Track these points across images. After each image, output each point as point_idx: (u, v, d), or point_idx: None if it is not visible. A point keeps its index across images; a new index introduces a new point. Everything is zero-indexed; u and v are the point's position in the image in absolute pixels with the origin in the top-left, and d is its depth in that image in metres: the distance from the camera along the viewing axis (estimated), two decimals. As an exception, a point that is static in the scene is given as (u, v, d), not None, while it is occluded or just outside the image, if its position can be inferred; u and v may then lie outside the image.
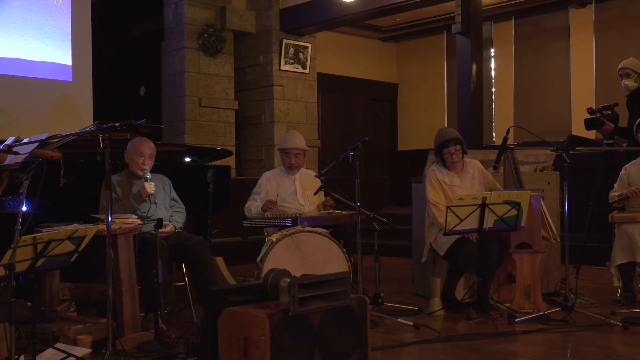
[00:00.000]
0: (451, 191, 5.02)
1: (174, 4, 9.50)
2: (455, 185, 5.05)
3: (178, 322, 4.59)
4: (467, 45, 8.55)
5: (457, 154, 5.04)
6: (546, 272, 5.45)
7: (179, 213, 4.90)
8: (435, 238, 5.04)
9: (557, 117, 10.94)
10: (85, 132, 3.85)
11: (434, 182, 5.09)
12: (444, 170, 5.12)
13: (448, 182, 5.07)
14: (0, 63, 7.63)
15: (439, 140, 5.07)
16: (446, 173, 5.10)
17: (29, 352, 3.44)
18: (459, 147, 5.04)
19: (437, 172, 5.13)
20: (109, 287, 3.46)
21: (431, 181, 5.10)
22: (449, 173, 5.10)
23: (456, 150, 5.03)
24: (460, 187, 5.03)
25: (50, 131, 5.38)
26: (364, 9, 9.21)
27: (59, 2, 8.13)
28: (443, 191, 5.07)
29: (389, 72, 13.38)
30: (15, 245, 3.10)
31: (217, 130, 9.71)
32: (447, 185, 5.07)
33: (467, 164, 5.16)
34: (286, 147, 5.30)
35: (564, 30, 10.96)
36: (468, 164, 5.17)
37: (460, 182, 5.08)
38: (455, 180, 5.08)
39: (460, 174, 5.11)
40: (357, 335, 3.45)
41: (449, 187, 5.06)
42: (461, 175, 5.11)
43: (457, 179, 5.09)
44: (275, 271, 3.38)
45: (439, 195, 5.05)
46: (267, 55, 10.03)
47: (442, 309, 4.88)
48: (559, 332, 4.29)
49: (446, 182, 5.08)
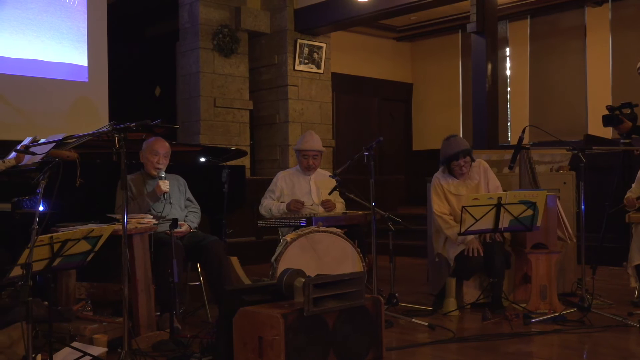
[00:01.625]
0: (456, 201, 4.97)
1: (188, 4, 9.53)
2: (461, 195, 4.99)
3: (193, 321, 4.61)
4: (482, 45, 8.52)
5: (466, 166, 4.98)
6: (562, 273, 5.41)
7: (194, 213, 4.92)
8: (444, 246, 5.02)
9: (573, 116, 10.86)
10: (101, 132, 3.87)
11: (438, 191, 5.05)
12: (449, 179, 5.06)
13: (453, 191, 5.03)
14: (18, 64, 7.70)
15: (447, 152, 4.97)
16: (451, 181, 5.05)
17: (46, 350, 3.46)
18: (468, 158, 4.97)
19: (441, 179, 5.08)
20: (124, 286, 3.48)
21: (436, 190, 5.06)
22: (454, 181, 5.04)
23: (465, 162, 4.96)
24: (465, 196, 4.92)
25: (66, 132, 5.44)
26: (378, 9, 9.20)
27: (75, 4, 8.19)
28: (447, 200, 5.04)
29: (403, 72, 13.35)
30: (32, 244, 3.12)
31: (232, 130, 9.73)
32: (451, 194, 5.03)
33: (472, 168, 5.08)
34: (304, 148, 5.30)
35: (581, 29, 10.88)
36: (473, 168, 5.09)
37: (465, 190, 5.02)
38: (460, 189, 5.04)
39: (467, 181, 5.06)
40: (371, 335, 3.45)
41: (454, 196, 5.02)
42: (467, 182, 5.05)
43: (462, 187, 5.04)
44: (290, 271, 3.38)
45: (444, 205, 5.02)
46: (282, 55, 10.04)
47: (457, 309, 4.87)
48: (575, 333, 4.26)
49: (451, 191, 5.04)
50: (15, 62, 7.68)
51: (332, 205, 5.18)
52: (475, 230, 4.57)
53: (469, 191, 5.00)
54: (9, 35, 7.64)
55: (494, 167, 5.66)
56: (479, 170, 5.10)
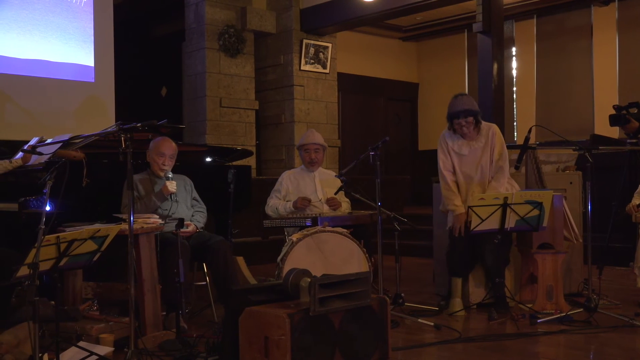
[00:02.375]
0: (458, 160, 5.01)
1: (194, 5, 9.54)
2: (463, 155, 5.01)
3: (199, 321, 4.61)
4: (488, 45, 8.49)
5: (467, 126, 4.95)
6: (568, 273, 5.40)
7: (200, 213, 4.93)
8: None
9: (579, 116, 10.83)
10: (107, 132, 3.88)
11: (443, 147, 5.09)
12: (455, 137, 5.05)
13: (456, 150, 5.03)
14: (25, 64, 7.73)
15: (451, 109, 5.02)
16: (456, 140, 5.04)
17: (53, 350, 3.47)
18: (470, 119, 4.93)
19: (447, 137, 5.09)
20: (131, 286, 3.49)
21: (441, 146, 5.10)
22: (459, 141, 5.03)
23: (467, 122, 4.93)
24: (468, 157, 5.00)
25: (73, 132, 5.46)
26: (384, 9, 9.19)
27: (82, 4, 8.21)
28: (451, 158, 5.05)
29: (409, 72, 13.33)
30: (38, 244, 3.13)
31: (238, 130, 9.74)
32: (455, 153, 5.03)
33: (482, 130, 5.04)
34: (304, 143, 5.36)
35: (587, 28, 10.84)
36: (483, 130, 5.04)
37: (468, 151, 5.01)
38: (464, 149, 5.02)
39: (471, 142, 5.02)
40: (377, 335, 3.45)
41: (456, 155, 5.02)
42: (471, 143, 5.02)
43: (466, 147, 5.02)
44: (295, 271, 3.39)
45: (448, 162, 5.06)
46: (288, 55, 10.05)
47: (463, 309, 4.86)
48: (582, 333, 4.25)
49: (455, 149, 5.04)
50: (22, 62, 7.71)
51: (337, 204, 5.18)
52: (481, 230, 4.57)
53: (471, 152, 5.01)
54: (16, 35, 7.67)
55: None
56: (488, 133, 5.05)
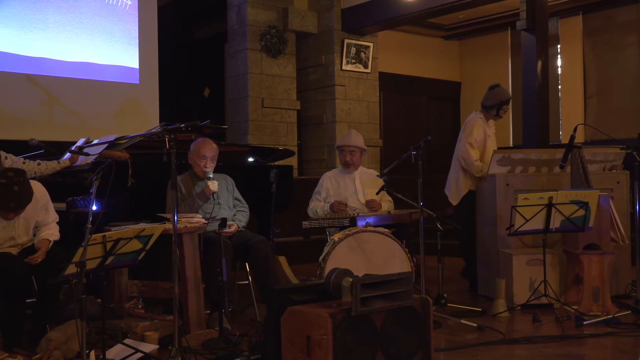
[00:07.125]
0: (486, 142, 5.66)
1: (237, 6, 9.62)
2: (489, 136, 5.72)
3: (242, 320, 4.66)
4: (532, 42, 8.37)
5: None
6: (615, 274, 5.30)
7: (242, 212, 4.96)
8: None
9: (627, 114, 10.58)
10: (152, 133, 3.95)
11: (480, 129, 5.64)
12: (483, 121, 5.72)
13: (487, 132, 5.72)
14: (73, 67, 7.89)
15: (502, 97, 5.65)
16: (485, 123, 5.72)
17: (99, 347, 3.54)
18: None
19: (480, 119, 5.71)
20: (175, 285, 3.53)
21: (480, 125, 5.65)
22: (487, 124, 5.74)
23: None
24: (491, 138, 5.76)
25: (118, 133, 5.56)
26: (425, 7, 9.13)
27: (127, 7, 8.35)
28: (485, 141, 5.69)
29: (451, 71, 13.22)
30: (85, 243, 3.20)
31: (280, 130, 9.79)
32: (487, 136, 5.70)
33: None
34: (341, 144, 5.39)
35: (635, 24, 10.60)
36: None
37: (491, 134, 5.78)
38: (489, 131, 5.75)
39: (492, 127, 5.81)
40: (420, 336, 3.43)
41: (488, 137, 5.71)
42: (492, 128, 5.81)
43: (490, 130, 5.77)
44: (337, 271, 3.39)
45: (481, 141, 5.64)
46: (329, 55, 10.05)
47: (507, 310, 4.80)
48: (629, 336, 4.17)
49: (485, 131, 5.70)
50: (70, 65, 7.87)
51: (377, 205, 5.16)
52: (525, 231, 4.51)
53: (492, 136, 5.78)
54: (64, 38, 7.84)
55: (544, 166, 5.58)
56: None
